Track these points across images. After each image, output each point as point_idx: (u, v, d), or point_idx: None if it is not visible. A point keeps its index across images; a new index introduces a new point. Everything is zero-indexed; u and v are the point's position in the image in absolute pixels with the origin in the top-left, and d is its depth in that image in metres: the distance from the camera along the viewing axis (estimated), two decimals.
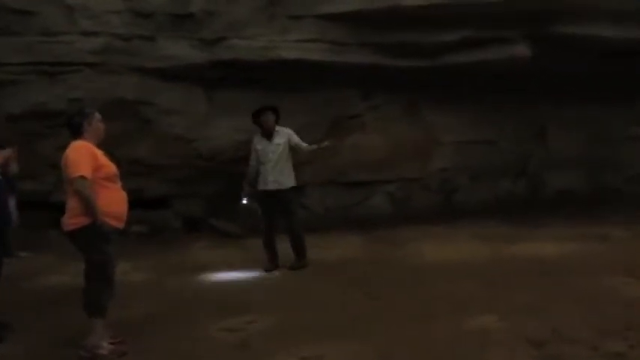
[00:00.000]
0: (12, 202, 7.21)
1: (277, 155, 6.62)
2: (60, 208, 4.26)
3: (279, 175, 6.62)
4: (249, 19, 8.22)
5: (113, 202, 4.16)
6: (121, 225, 4.23)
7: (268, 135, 6.67)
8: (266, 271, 6.58)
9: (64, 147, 4.18)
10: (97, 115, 4.32)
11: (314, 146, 6.75)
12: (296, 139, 6.72)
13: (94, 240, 4.02)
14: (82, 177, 3.98)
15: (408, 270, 6.39)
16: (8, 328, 4.55)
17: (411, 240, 7.84)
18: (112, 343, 4.10)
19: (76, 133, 4.22)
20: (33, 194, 8.18)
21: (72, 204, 4.08)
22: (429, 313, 4.69)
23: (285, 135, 6.69)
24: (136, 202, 4.42)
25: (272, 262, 6.68)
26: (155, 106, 8.52)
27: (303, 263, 6.68)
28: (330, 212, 9.99)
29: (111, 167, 4.22)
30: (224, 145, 8.91)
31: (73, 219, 4.07)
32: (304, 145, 6.72)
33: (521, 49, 8.73)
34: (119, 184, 4.28)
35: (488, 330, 4.23)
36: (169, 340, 4.39)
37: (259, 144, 6.69)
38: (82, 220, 4.01)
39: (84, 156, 4.06)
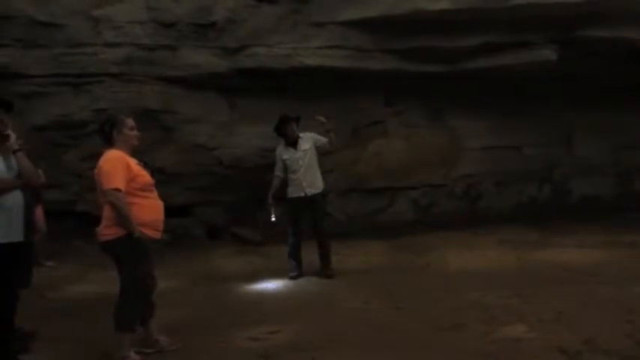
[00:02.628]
0: (39, 212, 7.30)
1: (307, 161, 6.61)
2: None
3: (313, 180, 6.64)
4: (272, 27, 8.24)
5: (150, 212, 4.11)
6: (157, 235, 4.17)
7: (293, 143, 6.65)
8: (290, 279, 6.55)
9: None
10: (129, 123, 4.19)
11: (327, 137, 6.68)
12: (321, 139, 6.71)
13: (128, 252, 3.97)
14: (117, 189, 3.91)
15: (432, 278, 6.34)
16: (33, 337, 4.55)
17: (435, 247, 7.78)
18: (138, 353, 4.06)
19: (107, 142, 4.13)
20: (57, 204, 8.23)
21: (107, 214, 4.02)
22: (456, 322, 4.60)
23: (309, 139, 6.69)
24: None
25: (297, 270, 6.64)
26: (178, 115, 8.56)
27: (329, 271, 6.62)
28: (353, 219, 9.92)
29: (145, 177, 4.15)
30: (246, 153, 8.91)
31: (107, 229, 4.01)
32: (326, 140, 6.68)
33: (547, 54, 8.61)
34: (155, 193, 4.22)
35: (519, 340, 4.14)
36: (193, 348, 4.36)
37: (285, 154, 6.67)
38: (118, 231, 3.96)
39: (117, 167, 3.98)
